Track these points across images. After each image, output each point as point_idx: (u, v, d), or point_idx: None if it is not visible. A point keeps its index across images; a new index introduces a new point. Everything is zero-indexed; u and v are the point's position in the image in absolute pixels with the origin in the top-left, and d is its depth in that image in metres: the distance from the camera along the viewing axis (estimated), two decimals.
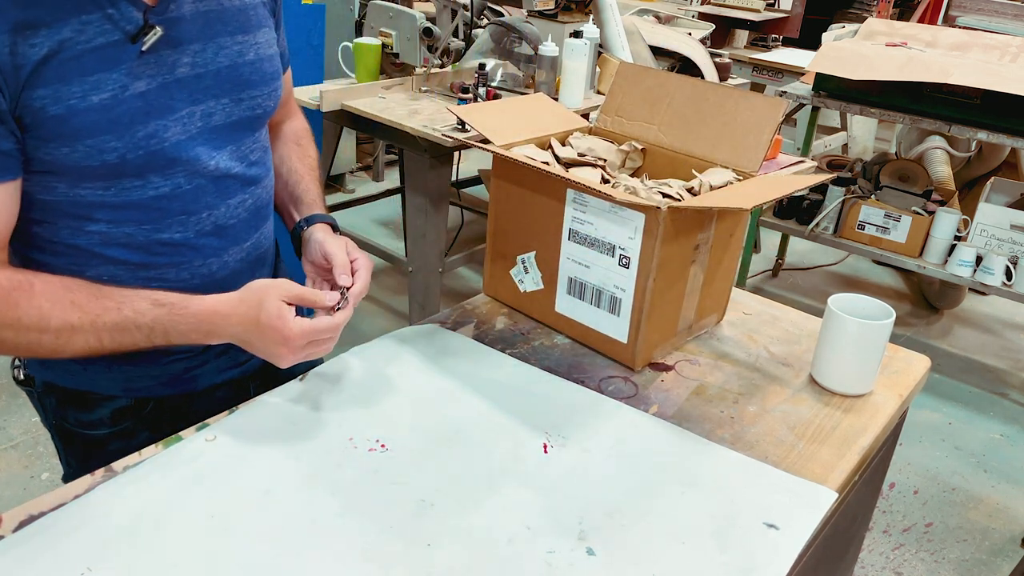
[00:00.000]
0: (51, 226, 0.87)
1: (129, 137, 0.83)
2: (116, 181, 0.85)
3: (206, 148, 0.91)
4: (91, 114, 0.80)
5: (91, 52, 0.79)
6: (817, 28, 3.91)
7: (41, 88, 0.77)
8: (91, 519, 0.77)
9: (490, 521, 0.81)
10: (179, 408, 1.01)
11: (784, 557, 0.79)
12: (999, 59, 2.59)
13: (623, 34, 2.76)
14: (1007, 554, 2.16)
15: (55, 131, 0.79)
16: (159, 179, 0.88)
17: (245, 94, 0.94)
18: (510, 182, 1.13)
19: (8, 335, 0.81)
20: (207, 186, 0.92)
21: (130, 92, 0.82)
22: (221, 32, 0.91)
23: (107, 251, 0.89)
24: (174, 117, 0.87)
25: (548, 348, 1.12)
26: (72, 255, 0.89)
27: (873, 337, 1.03)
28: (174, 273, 0.93)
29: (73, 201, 0.85)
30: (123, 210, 0.88)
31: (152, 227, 0.90)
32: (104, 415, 0.98)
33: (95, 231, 0.88)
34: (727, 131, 1.12)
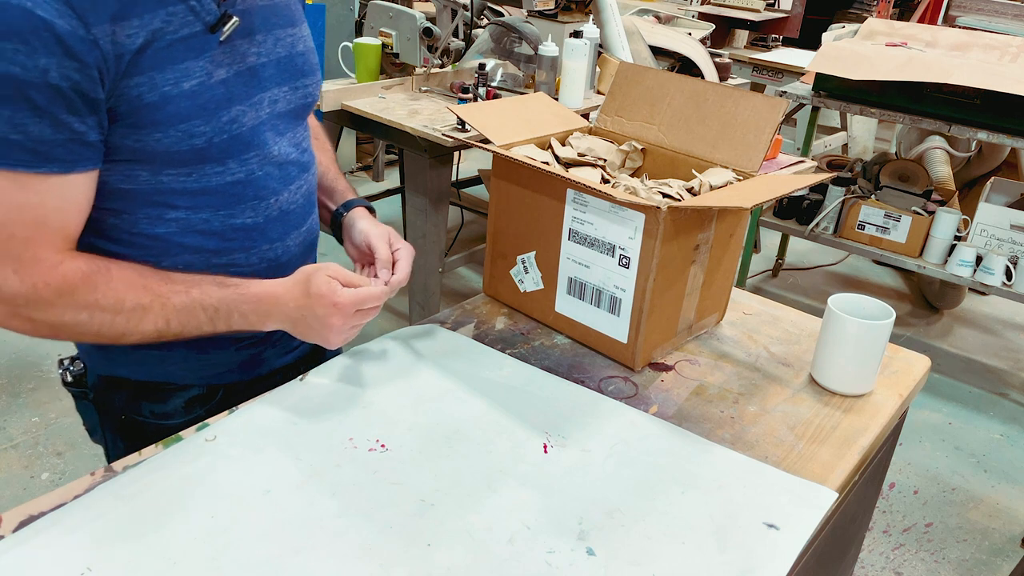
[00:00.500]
0: (130, 216, 0.90)
1: (215, 122, 0.87)
2: (199, 167, 0.89)
3: (272, 134, 0.96)
4: (183, 100, 0.84)
5: (179, 42, 0.83)
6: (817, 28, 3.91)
7: (138, 76, 0.81)
8: (91, 519, 0.77)
9: (490, 521, 0.81)
10: (243, 394, 1.02)
11: (784, 557, 0.79)
12: (999, 59, 2.59)
13: (623, 34, 2.76)
14: (1007, 554, 2.16)
15: (149, 118, 0.83)
16: (236, 165, 0.92)
17: (300, 83, 0.99)
18: (510, 182, 1.13)
19: (83, 317, 0.84)
20: (273, 172, 0.97)
21: (214, 79, 0.87)
22: (276, 24, 0.96)
23: (185, 239, 0.92)
24: (249, 103, 0.92)
25: (548, 348, 1.12)
26: (150, 246, 0.92)
27: (873, 337, 1.03)
28: (244, 258, 0.97)
29: (155, 189, 0.88)
30: (202, 196, 0.91)
31: (227, 212, 0.94)
32: (179, 405, 1.01)
33: (174, 219, 0.91)
34: (727, 131, 1.12)
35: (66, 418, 2.36)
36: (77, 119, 0.78)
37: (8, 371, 2.55)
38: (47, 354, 2.65)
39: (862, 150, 4.40)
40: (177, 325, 0.88)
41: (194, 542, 0.75)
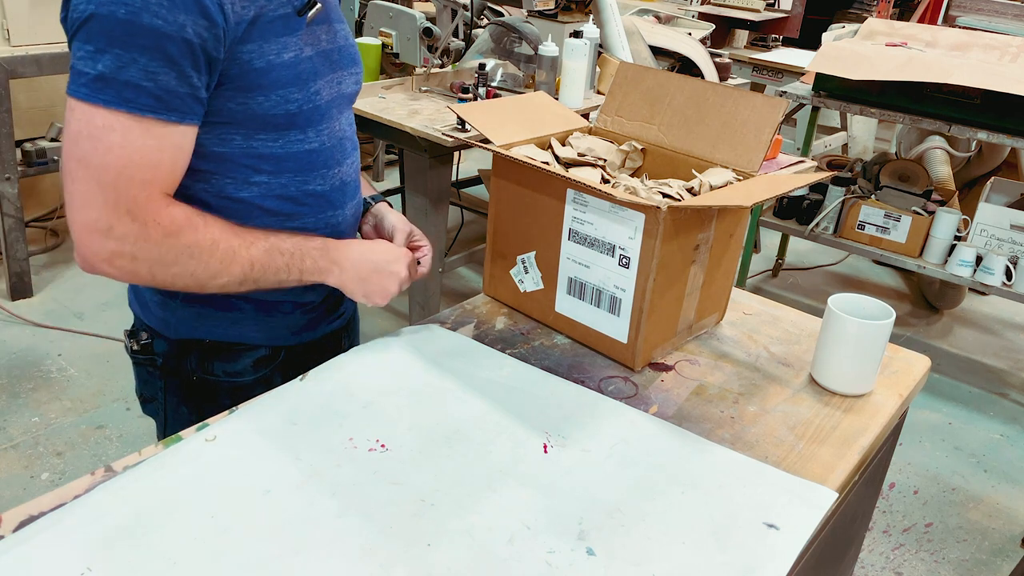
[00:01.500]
0: (219, 180, 0.98)
1: (306, 91, 0.98)
2: (286, 133, 0.99)
3: (336, 111, 1.06)
4: (283, 69, 0.94)
5: (278, 19, 0.94)
6: (817, 28, 3.91)
7: (250, 44, 0.90)
8: (91, 519, 0.77)
9: (490, 521, 0.81)
10: (301, 355, 1.13)
11: (784, 557, 0.79)
12: (999, 59, 2.59)
13: (623, 34, 2.76)
14: (1007, 554, 2.16)
15: (256, 82, 0.92)
16: (313, 134, 1.02)
17: (355, 69, 1.10)
18: (510, 182, 1.13)
19: (184, 257, 0.92)
20: (337, 145, 1.07)
21: (304, 55, 0.97)
22: (335, 19, 1.07)
23: (265, 202, 1.01)
24: (324, 80, 1.02)
25: (548, 348, 1.12)
26: (234, 209, 0.99)
27: (873, 337, 1.03)
28: (312, 222, 1.06)
29: (246, 152, 0.97)
30: (285, 161, 1.00)
31: (303, 178, 1.03)
32: (248, 364, 1.09)
33: (258, 182, 0.99)
34: (727, 131, 1.12)
35: (66, 418, 2.36)
36: (197, 75, 0.87)
37: (8, 371, 2.55)
38: (47, 354, 2.65)
39: (862, 150, 4.40)
40: (260, 269, 0.97)
41: (194, 542, 0.75)
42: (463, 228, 3.24)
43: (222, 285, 0.96)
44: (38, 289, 3.03)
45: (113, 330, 2.80)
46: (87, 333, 2.78)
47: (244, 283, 0.97)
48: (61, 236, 3.44)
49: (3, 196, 2.82)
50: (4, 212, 2.84)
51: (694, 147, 1.15)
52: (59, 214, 3.51)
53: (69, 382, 2.52)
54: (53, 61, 2.78)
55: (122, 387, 2.51)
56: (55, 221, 3.49)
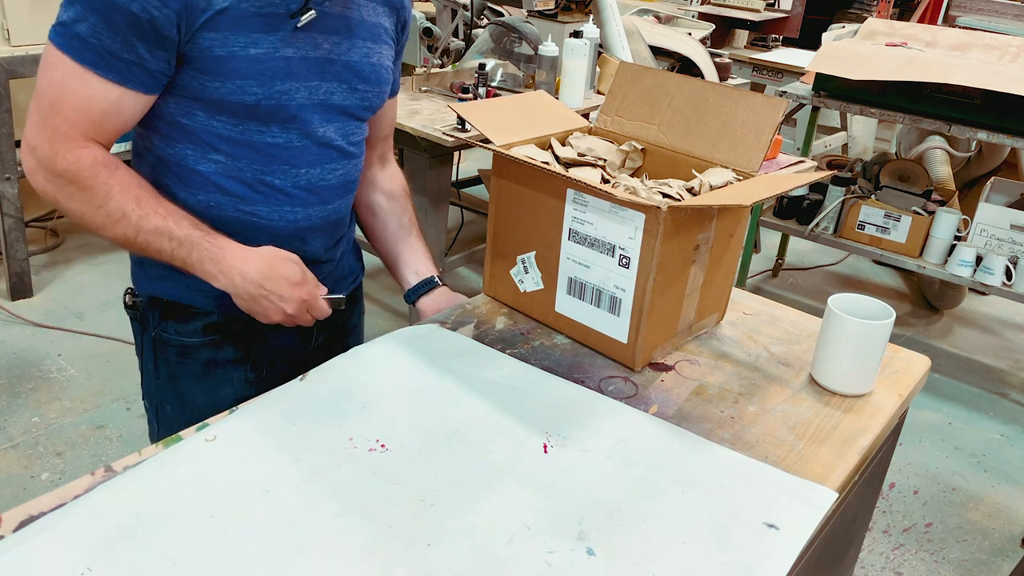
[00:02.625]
0: (182, 148, 1.04)
1: (268, 88, 1.01)
2: (245, 121, 1.03)
3: (319, 118, 1.09)
4: (245, 62, 0.99)
5: (258, 16, 0.98)
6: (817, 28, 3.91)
7: (214, 32, 0.96)
8: (91, 519, 0.77)
9: (490, 521, 0.81)
10: (259, 330, 1.15)
11: (784, 557, 0.79)
12: (999, 59, 2.59)
13: (623, 34, 2.76)
14: (1007, 554, 2.16)
15: (213, 68, 0.98)
16: (278, 130, 1.06)
17: (361, 86, 1.12)
18: (510, 181, 1.13)
19: (77, 196, 0.98)
20: (311, 149, 1.10)
21: (279, 55, 1.01)
22: (356, 36, 1.10)
23: (220, 180, 1.06)
24: (305, 84, 1.05)
25: (548, 348, 1.12)
26: (190, 179, 1.06)
27: (873, 337, 1.03)
28: (266, 212, 1.10)
29: (205, 129, 1.03)
30: (243, 147, 1.05)
31: (260, 168, 1.07)
32: (198, 327, 1.14)
33: (215, 160, 1.05)
34: (727, 131, 1.12)
35: (66, 418, 2.36)
36: (146, 47, 0.93)
37: (8, 371, 2.55)
38: (47, 354, 2.65)
39: (862, 150, 4.40)
40: (143, 242, 1.00)
41: (194, 542, 0.75)
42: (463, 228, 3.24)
43: (111, 238, 1.00)
44: (38, 289, 3.03)
45: (113, 330, 2.80)
46: (87, 333, 2.78)
47: (132, 247, 1.01)
48: (61, 236, 3.44)
49: (3, 196, 2.82)
50: (4, 212, 2.84)
51: (694, 147, 1.15)
52: (59, 214, 3.51)
53: (69, 382, 2.52)
54: None
55: (122, 387, 2.51)
56: (55, 221, 3.49)
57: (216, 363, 1.16)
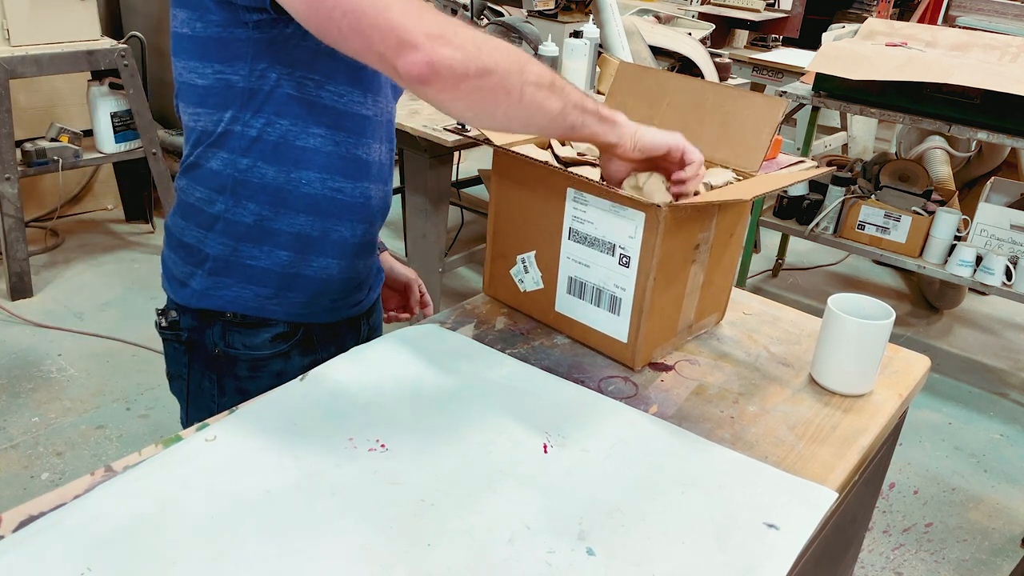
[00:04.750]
0: (287, 123, 1.00)
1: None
2: (348, 90, 1.01)
3: (391, 92, 1.10)
4: None
5: None
6: (817, 28, 3.91)
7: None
8: (91, 519, 0.77)
9: (490, 521, 0.81)
10: (320, 334, 1.15)
11: (784, 557, 0.79)
12: (999, 59, 2.59)
13: (623, 34, 2.76)
14: (1007, 554, 2.16)
15: None
16: (371, 101, 1.05)
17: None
18: (511, 180, 1.13)
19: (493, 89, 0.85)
20: (388, 124, 1.11)
21: None
22: None
23: (316, 157, 1.03)
24: None
25: (548, 348, 1.12)
26: (288, 155, 1.02)
27: (873, 337, 1.03)
28: (350, 187, 1.07)
29: (314, 101, 1.00)
30: (343, 118, 1.03)
31: (355, 141, 1.05)
32: (266, 339, 1.10)
33: (317, 133, 1.02)
34: (727, 131, 1.12)
35: (66, 418, 2.36)
36: None
37: (8, 371, 2.55)
38: (47, 354, 2.65)
39: (862, 150, 4.40)
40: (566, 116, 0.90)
41: (194, 542, 0.75)
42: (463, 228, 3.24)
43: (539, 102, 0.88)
44: (38, 289, 3.03)
45: (113, 330, 2.80)
46: (87, 333, 2.78)
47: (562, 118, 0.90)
48: (61, 236, 3.44)
49: (3, 196, 2.82)
50: (4, 212, 2.84)
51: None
52: (59, 214, 3.51)
53: (69, 382, 2.52)
54: (53, 61, 2.78)
55: (122, 387, 2.51)
56: (55, 221, 3.49)
57: (286, 374, 1.11)
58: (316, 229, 1.06)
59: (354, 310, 1.19)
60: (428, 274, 2.45)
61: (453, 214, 2.94)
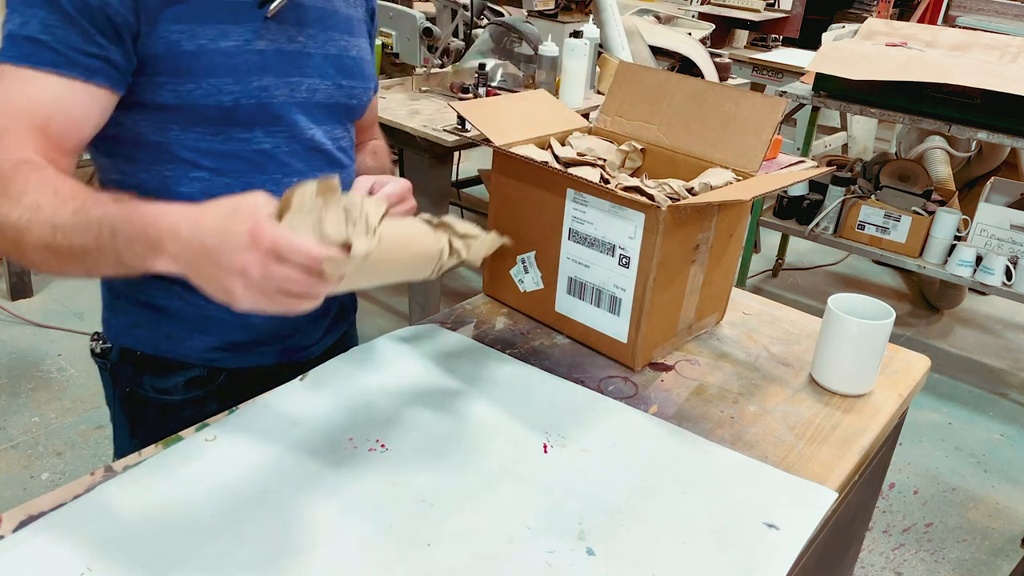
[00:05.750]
0: (159, 171, 0.94)
1: (245, 84, 0.92)
2: (226, 128, 0.93)
3: (306, 119, 1.00)
4: (217, 56, 0.89)
5: (225, 7, 0.90)
6: (817, 28, 3.91)
7: (179, 23, 0.87)
8: (91, 519, 0.77)
9: (490, 521, 0.81)
10: (246, 381, 1.04)
11: (784, 557, 0.79)
12: (999, 59, 2.59)
13: (623, 34, 2.76)
14: (1007, 554, 2.16)
15: (184, 65, 0.88)
16: (263, 135, 0.96)
17: (345, 82, 1.04)
18: (510, 180, 1.13)
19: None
20: (301, 153, 1.00)
21: (251, 47, 0.92)
22: (333, 27, 1.02)
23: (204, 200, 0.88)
24: (284, 80, 0.96)
25: (548, 348, 1.12)
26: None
27: (873, 337, 1.03)
28: None
29: (184, 145, 0.92)
30: (227, 159, 0.94)
31: (248, 181, 0.96)
32: (179, 382, 1.03)
33: (198, 178, 0.94)
34: (727, 131, 1.12)
35: (66, 418, 2.36)
36: (104, 39, 0.83)
37: (8, 371, 2.55)
38: (47, 354, 2.65)
39: (862, 150, 4.40)
40: (63, 238, 0.75)
41: (194, 542, 0.75)
42: None
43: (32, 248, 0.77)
44: (38, 289, 3.03)
45: None
46: (87, 333, 2.78)
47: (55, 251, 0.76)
48: None
49: None
50: None
51: (694, 147, 1.15)
52: None
53: (69, 382, 2.52)
54: None
55: None
56: None
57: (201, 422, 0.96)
58: None
59: (298, 356, 1.11)
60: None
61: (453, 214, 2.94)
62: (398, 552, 0.76)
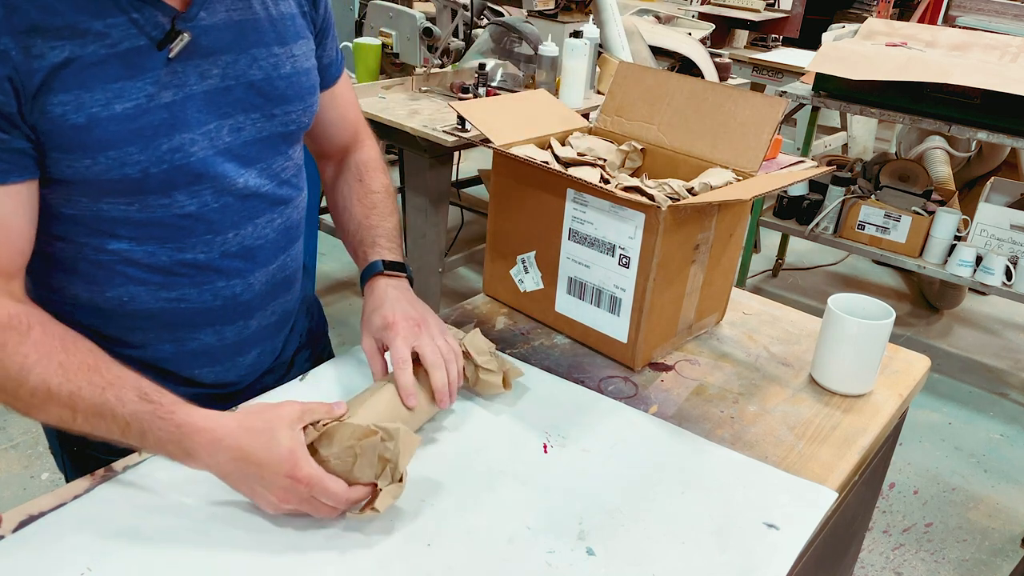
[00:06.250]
0: (73, 243, 0.84)
1: (153, 150, 0.80)
2: (140, 197, 0.82)
3: (234, 165, 0.88)
4: (113, 124, 0.77)
5: (115, 58, 0.76)
6: (817, 28, 3.91)
7: (62, 94, 0.74)
8: (91, 519, 0.77)
9: (490, 521, 0.81)
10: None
11: (784, 557, 0.79)
12: (999, 59, 2.59)
13: (623, 34, 2.76)
14: (1007, 554, 2.16)
15: (76, 141, 0.76)
16: (184, 197, 0.85)
17: (279, 109, 0.91)
18: (510, 181, 1.13)
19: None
20: (234, 205, 0.89)
21: (156, 102, 0.79)
22: (256, 43, 0.88)
23: (128, 270, 0.86)
24: (201, 131, 0.84)
25: (548, 348, 1.12)
26: (93, 274, 0.86)
27: (873, 337, 1.03)
28: (196, 294, 0.90)
29: (96, 216, 0.82)
30: (147, 227, 0.84)
31: (175, 246, 0.87)
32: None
33: (117, 249, 0.85)
34: (727, 131, 1.12)
35: None
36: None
37: None
38: None
39: (862, 150, 4.40)
40: (84, 424, 0.75)
41: (194, 542, 0.75)
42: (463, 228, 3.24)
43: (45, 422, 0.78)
44: None
45: None
46: None
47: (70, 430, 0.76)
48: None
49: None
50: None
51: (694, 147, 1.15)
52: None
53: None
54: None
55: None
56: None
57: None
58: (167, 342, 0.91)
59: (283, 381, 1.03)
60: (428, 274, 2.45)
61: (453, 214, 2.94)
62: (398, 551, 0.76)
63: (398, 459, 0.76)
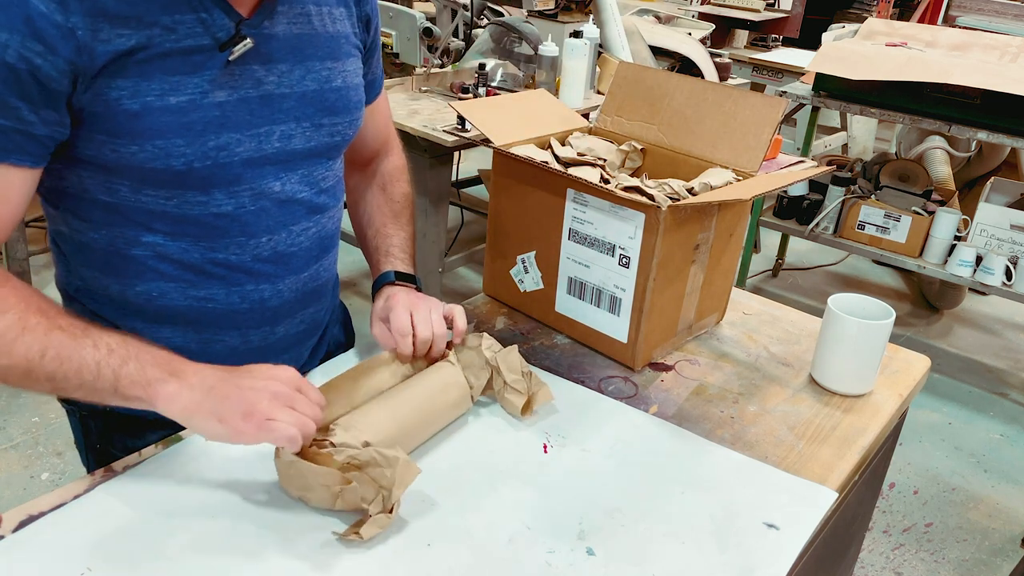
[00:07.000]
0: (108, 232, 0.86)
1: (199, 145, 0.82)
2: (179, 192, 0.84)
3: (276, 170, 0.89)
4: (165, 115, 0.79)
5: (178, 53, 0.79)
6: (817, 28, 3.91)
7: (120, 79, 0.76)
8: (91, 519, 0.77)
9: (490, 521, 0.81)
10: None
11: (784, 557, 0.79)
12: (999, 59, 2.59)
13: (623, 34, 2.76)
14: (1007, 554, 2.16)
15: (126, 126, 0.78)
16: (223, 196, 0.86)
17: (327, 120, 0.93)
18: (510, 181, 1.14)
19: None
20: (271, 209, 0.90)
21: (209, 100, 0.81)
22: (312, 56, 0.90)
23: (160, 265, 0.88)
24: (250, 133, 0.85)
25: (548, 348, 1.12)
26: (123, 268, 0.87)
27: (873, 337, 1.03)
28: (223, 295, 0.91)
29: (134, 206, 0.84)
30: (182, 223, 0.86)
31: (208, 245, 0.88)
32: (152, 442, 0.91)
33: (151, 242, 0.86)
34: (727, 131, 1.12)
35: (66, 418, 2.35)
36: (28, 107, 0.73)
37: None
38: None
39: (862, 150, 4.40)
40: (53, 358, 0.74)
41: (194, 542, 0.75)
42: (463, 228, 3.24)
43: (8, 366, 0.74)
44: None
45: None
46: None
47: (33, 373, 0.74)
48: None
49: None
50: None
51: (694, 147, 1.15)
52: None
53: None
54: None
55: None
56: None
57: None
58: (192, 342, 0.92)
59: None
60: (428, 274, 2.45)
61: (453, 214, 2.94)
62: (398, 551, 0.76)
63: (392, 488, 0.76)
